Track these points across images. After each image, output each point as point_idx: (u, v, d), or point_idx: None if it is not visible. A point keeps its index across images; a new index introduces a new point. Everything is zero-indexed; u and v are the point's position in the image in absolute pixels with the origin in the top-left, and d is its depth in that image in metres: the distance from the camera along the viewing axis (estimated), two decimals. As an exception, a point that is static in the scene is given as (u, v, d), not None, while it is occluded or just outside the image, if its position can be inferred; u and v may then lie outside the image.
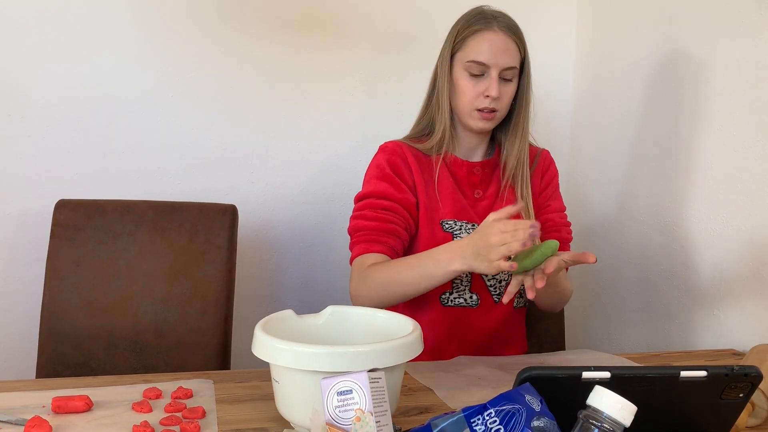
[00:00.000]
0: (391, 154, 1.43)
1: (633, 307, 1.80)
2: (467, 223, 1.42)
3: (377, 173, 1.43)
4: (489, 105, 1.37)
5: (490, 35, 1.36)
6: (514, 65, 1.38)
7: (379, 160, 1.44)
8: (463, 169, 1.46)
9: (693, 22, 1.61)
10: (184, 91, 1.80)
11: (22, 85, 1.70)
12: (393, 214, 1.38)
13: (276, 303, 1.92)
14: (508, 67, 1.37)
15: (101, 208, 1.57)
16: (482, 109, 1.38)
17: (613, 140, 1.90)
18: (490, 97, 1.36)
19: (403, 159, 1.43)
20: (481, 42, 1.37)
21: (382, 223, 1.37)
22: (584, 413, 0.67)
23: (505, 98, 1.39)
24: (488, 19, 1.38)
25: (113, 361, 1.51)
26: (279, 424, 0.98)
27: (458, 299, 1.42)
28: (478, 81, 1.37)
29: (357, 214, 1.41)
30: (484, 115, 1.39)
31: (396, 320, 1.06)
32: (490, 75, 1.36)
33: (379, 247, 1.36)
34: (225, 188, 1.86)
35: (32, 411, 0.99)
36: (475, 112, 1.39)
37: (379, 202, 1.39)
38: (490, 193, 1.46)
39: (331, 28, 1.89)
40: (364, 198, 1.42)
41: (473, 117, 1.40)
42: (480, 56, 1.36)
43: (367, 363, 0.87)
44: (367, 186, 1.43)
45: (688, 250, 1.62)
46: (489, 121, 1.40)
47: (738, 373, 0.79)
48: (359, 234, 1.38)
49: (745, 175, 1.47)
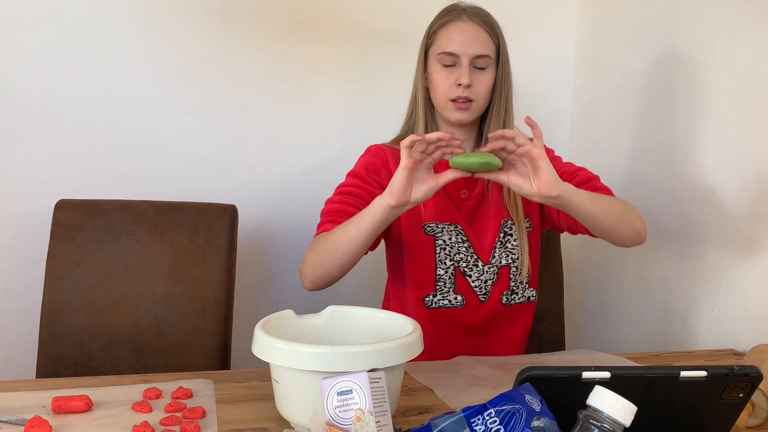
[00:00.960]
0: (372, 156, 1.45)
1: (633, 307, 1.80)
2: (450, 224, 1.42)
3: (353, 172, 1.44)
4: (462, 93, 1.36)
5: (459, 25, 1.37)
6: (486, 53, 1.37)
7: (359, 162, 1.46)
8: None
9: (693, 22, 1.61)
10: (184, 91, 1.80)
11: (22, 85, 1.70)
12: (356, 199, 1.38)
13: (276, 303, 1.92)
14: (479, 54, 1.36)
15: (101, 208, 1.57)
16: (455, 99, 1.37)
17: (612, 140, 1.90)
18: (462, 86, 1.35)
19: (384, 161, 1.43)
20: (450, 32, 1.37)
21: (344, 206, 1.36)
22: (584, 413, 0.67)
23: (480, 87, 1.38)
24: (458, 11, 1.39)
25: (113, 361, 1.51)
26: (279, 424, 0.98)
27: (442, 301, 1.41)
28: (451, 71, 1.37)
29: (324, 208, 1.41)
30: (459, 105, 1.37)
31: (396, 320, 1.06)
32: (461, 63, 1.36)
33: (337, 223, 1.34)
34: (225, 188, 1.86)
35: (32, 411, 0.99)
36: (450, 103, 1.38)
37: (344, 189, 1.40)
38: (477, 193, 1.45)
39: (331, 28, 1.88)
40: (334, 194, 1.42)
41: (448, 108, 1.38)
42: (449, 46, 1.36)
43: (367, 363, 0.87)
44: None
45: (688, 250, 1.62)
46: (465, 111, 1.38)
47: (738, 373, 0.79)
48: (322, 219, 1.38)
49: (745, 174, 1.47)
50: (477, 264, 1.42)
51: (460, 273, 1.42)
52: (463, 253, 1.42)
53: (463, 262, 1.41)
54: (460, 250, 1.41)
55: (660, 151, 1.72)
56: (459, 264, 1.41)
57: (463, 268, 1.42)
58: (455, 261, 1.41)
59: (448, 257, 1.41)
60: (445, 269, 1.41)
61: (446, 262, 1.41)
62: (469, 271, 1.42)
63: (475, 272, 1.42)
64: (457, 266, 1.41)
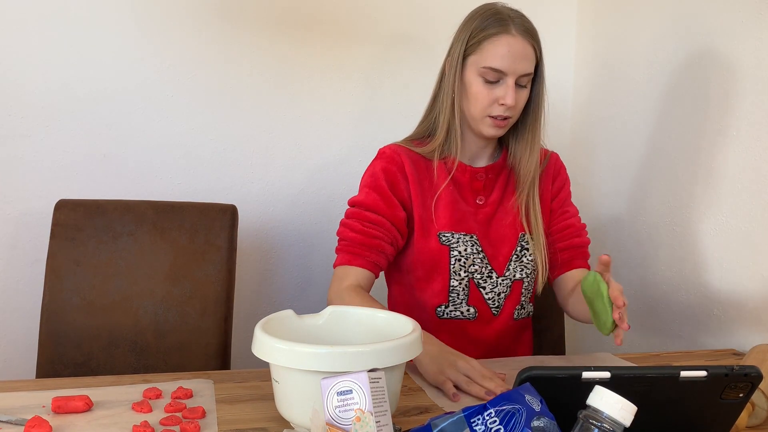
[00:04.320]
0: (388, 162, 1.39)
1: (633, 307, 1.80)
2: (465, 234, 1.38)
3: (370, 182, 1.38)
4: (503, 113, 1.32)
5: (508, 39, 1.29)
6: (530, 72, 1.32)
7: (375, 168, 1.39)
8: (466, 175, 1.41)
9: (692, 22, 1.61)
10: (184, 91, 1.80)
11: (22, 84, 1.70)
12: (379, 229, 1.35)
13: (276, 303, 1.93)
14: (525, 73, 1.31)
15: (101, 208, 1.57)
16: (496, 116, 1.33)
17: (611, 140, 1.90)
18: (504, 105, 1.31)
19: (400, 167, 1.38)
20: (498, 47, 1.29)
21: (366, 238, 1.34)
22: (584, 413, 0.67)
23: (519, 104, 1.34)
24: (505, 21, 1.30)
25: (113, 361, 1.51)
26: (279, 424, 0.98)
27: (454, 312, 1.39)
28: (493, 87, 1.31)
29: (345, 221, 1.38)
30: (497, 122, 1.33)
31: (396, 320, 1.06)
32: (506, 83, 1.30)
33: (361, 261, 1.34)
34: (225, 188, 1.86)
35: (32, 411, 0.99)
36: (488, 118, 1.33)
37: (367, 214, 1.36)
38: (493, 200, 1.42)
39: (331, 28, 1.89)
40: (354, 206, 1.39)
41: (485, 123, 1.34)
42: (496, 62, 1.29)
43: (367, 363, 0.87)
44: (360, 193, 1.40)
45: (688, 250, 1.62)
46: (501, 128, 1.35)
47: (738, 373, 0.79)
48: (343, 243, 1.36)
49: (744, 174, 1.47)
50: (491, 275, 1.39)
51: (474, 285, 1.38)
52: (477, 264, 1.38)
53: (477, 274, 1.38)
54: (475, 262, 1.38)
55: (659, 150, 1.72)
56: (473, 276, 1.38)
57: (477, 280, 1.38)
58: (470, 272, 1.38)
59: (462, 269, 1.37)
60: (459, 281, 1.37)
61: (461, 273, 1.37)
62: (483, 283, 1.39)
63: (489, 284, 1.39)
64: (472, 278, 1.38)
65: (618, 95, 1.89)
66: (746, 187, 1.47)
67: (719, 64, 1.54)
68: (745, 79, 1.47)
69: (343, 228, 1.38)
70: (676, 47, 1.67)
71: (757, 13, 1.45)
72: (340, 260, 1.36)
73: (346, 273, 1.34)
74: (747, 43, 1.47)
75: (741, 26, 1.48)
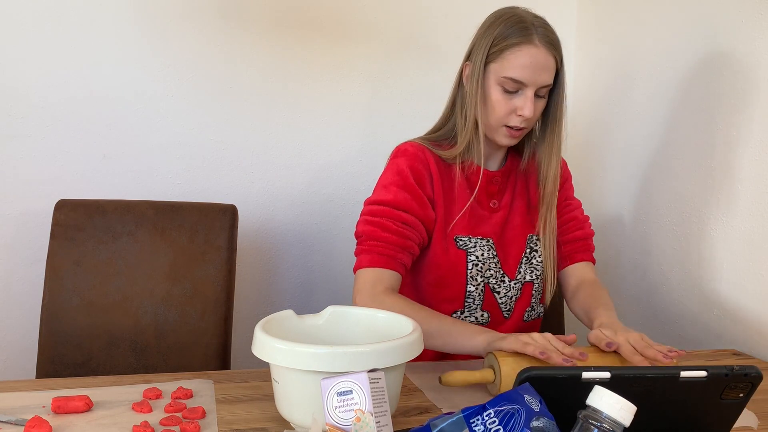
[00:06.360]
0: (414, 160, 1.34)
1: (633, 307, 1.80)
2: (482, 238, 1.36)
3: (398, 181, 1.32)
4: (519, 124, 1.30)
5: (531, 50, 1.26)
6: (550, 83, 1.30)
7: (401, 166, 1.33)
8: (482, 179, 1.38)
9: (692, 21, 1.61)
10: (184, 91, 1.80)
11: (22, 85, 1.70)
12: (412, 230, 1.30)
13: (276, 303, 1.93)
14: (545, 85, 1.29)
15: (101, 208, 1.57)
16: (512, 126, 1.31)
17: (611, 141, 1.90)
18: (522, 117, 1.29)
19: (426, 166, 1.34)
20: (520, 57, 1.26)
21: (400, 238, 1.29)
22: (584, 413, 0.67)
23: (536, 115, 1.32)
24: (528, 30, 1.27)
25: (113, 361, 1.51)
26: (279, 424, 0.98)
27: (470, 317, 1.37)
28: (512, 97, 1.29)
29: (371, 220, 1.31)
30: (513, 132, 1.31)
31: (396, 320, 1.06)
32: (525, 94, 1.27)
33: (393, 264, 1.28)
34: (225, 188, 1.86)
35: (32, 411, 0.99)
36: (504, 128, 1.31)
37: (399, 214, 1.30)
38: (505, 203, 1.41)
39: (331, 28, 1.89)
40: (382, 204, 1.31)
41: (501, 133, 1.32)
42: (517, 73, 1.26)
43: (367, 363, 0.87)
44: (385, 192, 1.33)
45: (688, 251, 1.62)
46: (515, 138, 1.33)
47: (738, 373, 0.79)
48: (372, 243, 1.29)
49: (745, 175, 1.47)
50: (504, 279, 1.37)
51: (489, 290, 1.36)
52: (492, 269, 1.36)
53: (492, 279, 1.36)
54: (491, 266, 1.36)
55: (659, 151, 1.72)
56: (489, 281, 1.36)
57: (492, 285, 1.36)
58: (486, 277, 1.35)
59: (479, 274, 1.35)
60: (476, 286, 1.35)
61: (477, 278, 1.35)
62: (497, 287, 1.37)
63: (503, 288, 1.37)
64: (487, 282, 1.36)
65: (618, 95, 1.89)
66: (747, 188, 1.47)
67: (723, 64, 1.54)
68: (750, 80, 1.47)
69: (368, 227, 1.31)
70: (676, 47, 1.67)
71: (757, 13, 1.45)
72: (366, 261, 1.29)
73: (380, 276, 1.27)
74: (752, 43, 1.47)
75: (746, 27, 1.48)
